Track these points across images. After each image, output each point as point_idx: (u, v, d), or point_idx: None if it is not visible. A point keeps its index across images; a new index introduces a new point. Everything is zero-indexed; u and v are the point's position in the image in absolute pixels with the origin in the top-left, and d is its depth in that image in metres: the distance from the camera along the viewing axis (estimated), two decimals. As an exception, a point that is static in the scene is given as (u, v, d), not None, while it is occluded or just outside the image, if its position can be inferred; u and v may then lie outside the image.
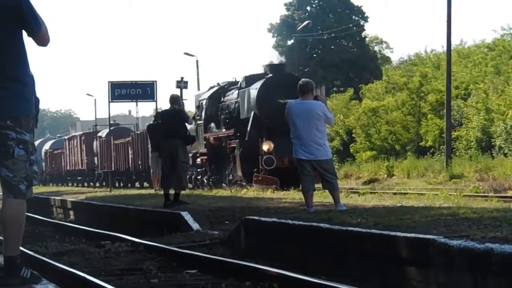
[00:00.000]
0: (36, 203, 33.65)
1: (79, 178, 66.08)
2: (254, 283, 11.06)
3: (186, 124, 23.37)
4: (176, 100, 23.50)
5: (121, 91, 41.36)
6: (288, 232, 13.81)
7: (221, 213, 19.64)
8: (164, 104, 54.40)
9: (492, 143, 54.75)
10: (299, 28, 75.57)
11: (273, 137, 31.77)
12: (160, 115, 25.88)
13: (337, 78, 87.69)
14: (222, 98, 38.65)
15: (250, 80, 35.35)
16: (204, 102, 39.73)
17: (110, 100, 41.72)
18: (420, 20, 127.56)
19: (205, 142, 38.70)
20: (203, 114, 39.65)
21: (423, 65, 79.16)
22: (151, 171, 35.41)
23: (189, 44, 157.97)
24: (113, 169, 52.31)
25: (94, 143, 59.05)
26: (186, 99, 48.18)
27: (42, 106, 9.04)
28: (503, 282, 8.83)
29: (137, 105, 45.40)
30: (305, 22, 75.77)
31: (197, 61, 79.49)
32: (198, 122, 40.13)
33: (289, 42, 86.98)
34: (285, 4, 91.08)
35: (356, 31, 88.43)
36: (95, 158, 58.47)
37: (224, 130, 36.94)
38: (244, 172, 33.04)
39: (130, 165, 49.95)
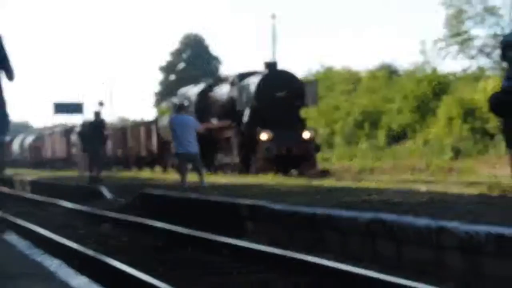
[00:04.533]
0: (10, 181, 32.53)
1: (58, 165, 56.61)
2: (147, 233, 10.95)
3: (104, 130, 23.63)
4: (97, 115, 24.22)
5: (63, 108, 42.18)
6: (170, 200, 13.74)
7: (127, 187, 19.42)
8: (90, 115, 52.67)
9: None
10: (178, 69, 75.41)
11: (270, 127, 24.47)
12: (87, 124, 25.81)
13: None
14: (210, 93, 30.03)
15: (243, 76, 27.34)
16: (193, 97, 30.85)
17: (54, 113, 41.94)
18: (260, 63, 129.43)
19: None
20: (192, 107, 30.72)
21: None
22: (79, 161, 35.42)
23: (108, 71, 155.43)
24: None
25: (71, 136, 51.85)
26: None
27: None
28: (306, 232, 8.89)
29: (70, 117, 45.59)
30: (181, 65, 75.59)
31: (111, 88, 78.71)
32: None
33: (172, 77, 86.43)
34: (170, 53, 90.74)
35: (215, 71, 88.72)
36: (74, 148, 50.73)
37: (216, 121, 28.27)
38: (242, 159, 25.37)
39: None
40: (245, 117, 25.29)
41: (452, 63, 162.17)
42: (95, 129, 23.23)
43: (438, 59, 67.45)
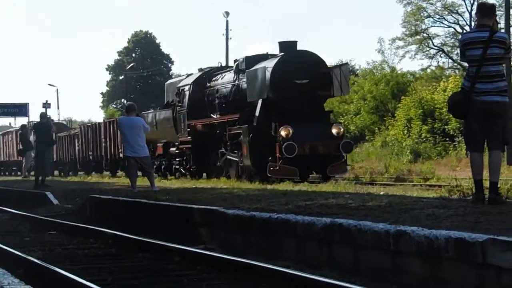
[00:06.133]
0: None
1: (13, 168, 52.76)
2: (96, 240, 10.83)
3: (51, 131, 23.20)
4: (44, 115, 23.92)
5: (4, 109, 41.21)
6: (119, 205, 13.63)
7: (74, 192, 19.24)
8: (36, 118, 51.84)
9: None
10: (127, 68, 75.01)
11: (289, 121, 20.26)
12: (33, 126, 25.52)
13: (153, 102, 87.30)
14: (208, 83, 25.42)
15: (251, 60, 22.75)
16: (187, 88, 25.95)
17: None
18: (212, 62, 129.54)
19: (188, 130, 25.18)
20: (185, 100, 25.75)
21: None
22: (23, 164, 34.26)
23: (53, 74, 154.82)
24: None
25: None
26: (50, 115, 45.68)
27: None
28: (262, 238, 8.90)
29: (15, 119, 44.56)
30: (131, 64, 75.18)
31: (57, 90, 77.94)
32: (180, 109, 26.12)
33: (121, 77, 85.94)
34: (118, 52, 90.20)
35: (166, 70, 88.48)
36: None
37: (218, 115, 23.97)
38: (254, 161, 20.72)
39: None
40: (258, 110, 21.19)
41: (411, 63, 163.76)
42: (41, 132, 22.61)
43: (396, 58, 67.66)
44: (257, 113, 21.05)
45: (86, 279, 6.77)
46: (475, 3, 53.68)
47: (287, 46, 21.72)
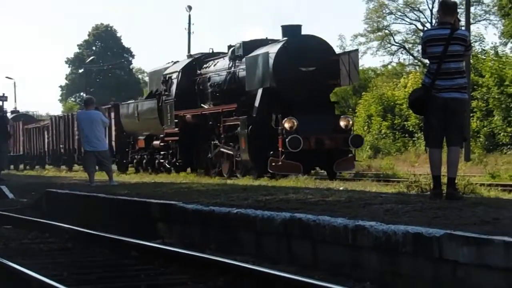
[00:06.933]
0: None
1: None
2: (52, 235, 10.76)
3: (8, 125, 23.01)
4: (0, 109, 23.62)
5: None
6: (76, 199, 13.55)
7: (30, 186, 19.07)
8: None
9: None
10: (87, 61, 74.46)
11: (293, 112, 18.80)
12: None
13: (113, 96, 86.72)
14: (199, 71, 23.60)
15: (249, 46, 21.02)
16: (174, 76, 23.97)
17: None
18: (174, 56, 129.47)
19: (176, 121, 23.31)
20: (173, 89, 23.79)
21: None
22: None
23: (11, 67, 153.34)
24: None
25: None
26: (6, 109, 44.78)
27: None
28: (221, 233, 8.92)
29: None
30: (91, 58, 74.65)
31: (14, 83, 77.27)
32: (166, 99, 24.18)
33: (80, 71, 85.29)
34: (78, 45, 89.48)
35: (127, 64, 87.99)
36: None
37: (211, 105, 22.32)
38: (253, 155, 19.23)
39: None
40: (258, 100, 19.60)
41: (372, 59, 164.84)
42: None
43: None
44: (256, 103, 19.57)
45: (41, 274, 6.72)
46: (437, 0, 54.26)
47: (291, 31, 20.08)
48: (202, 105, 22.71)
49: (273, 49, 19.67)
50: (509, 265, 5.34)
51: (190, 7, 52.63)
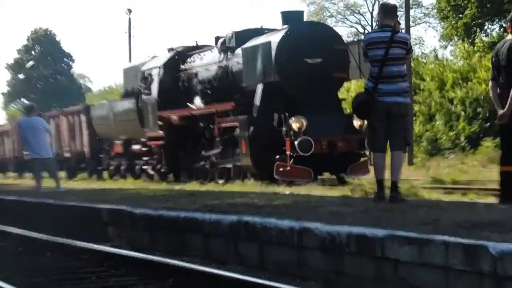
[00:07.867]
0: None
1: None
2: (1, 240, 10.76)
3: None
4: None
5: None
6: (25, 206, 13.53)
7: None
8: None
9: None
10: (26, 66, 73.63)
11: (299, 111, 16.57)
12: None
13: (54, 102, 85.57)
14: (182, 65, 20.89)
15: (242, 36, 18.42)
16: (155, 72, 21.25)
17: None
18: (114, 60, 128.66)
19: (160, 123, 20.58)
20: (154, 87, 21.04)
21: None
22: None
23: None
24: None
25: None
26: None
27: None
28: (169, 236, 9.03)
29: None
30: (30, 62, 73.80)
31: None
32: (146, 98, 21.44)
33: (21, 76, 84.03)
34: (17, 50, 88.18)
35: (67, 69, 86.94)
36: None
37: (201, 104, 19.34)
38: (256, 160, 16.85)
39: None
40: (258, 98, 17.30)
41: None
42: None
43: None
44: (257, 101, 17.27)
45: (-8, 278, 6.78)
46: (377, 3, 54.91)
47: (292, 18, 17.83)
48: (188, 104, 19.74)
49: (274, 38, 17.28)
50: (448, 263, 5.58)
51: (130, 10, 52.33)
